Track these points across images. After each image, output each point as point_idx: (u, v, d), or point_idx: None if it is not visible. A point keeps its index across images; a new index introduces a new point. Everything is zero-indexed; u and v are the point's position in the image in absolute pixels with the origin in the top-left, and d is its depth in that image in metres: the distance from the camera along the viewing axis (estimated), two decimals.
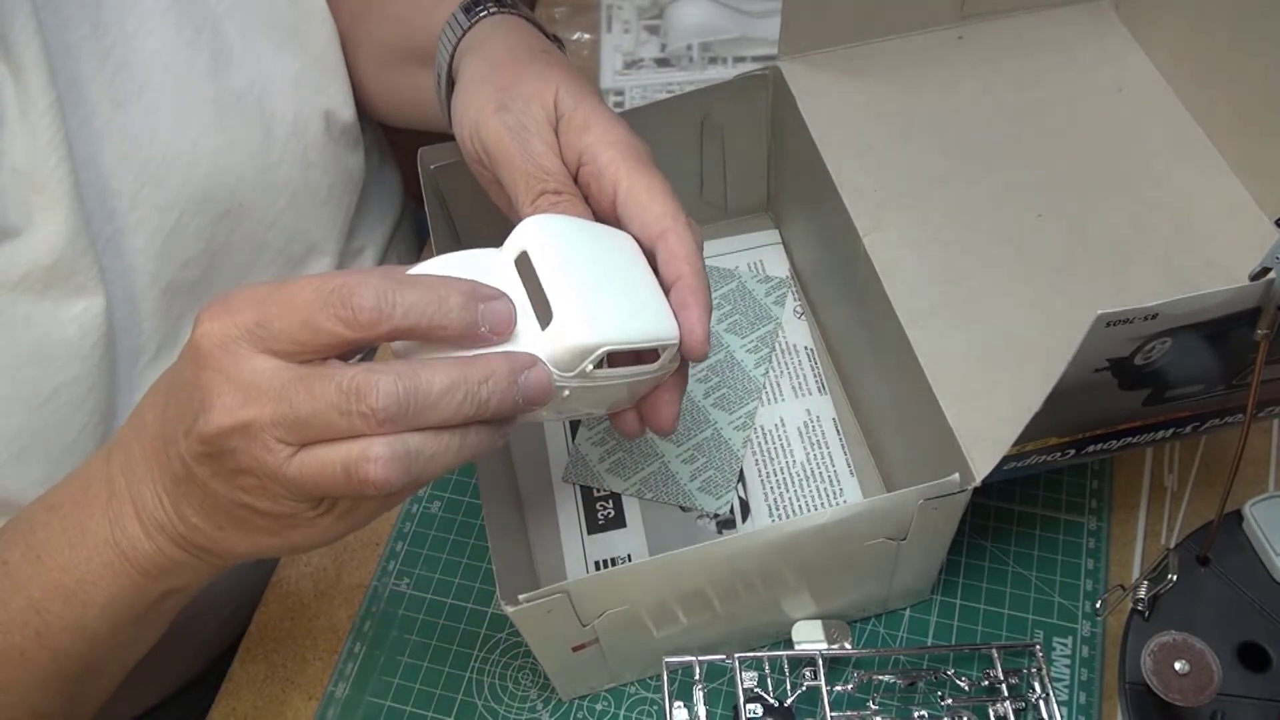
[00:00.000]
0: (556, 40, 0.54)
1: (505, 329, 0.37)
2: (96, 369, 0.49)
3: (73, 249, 0.47)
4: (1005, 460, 0.43)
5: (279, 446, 0.34)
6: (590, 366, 0.38)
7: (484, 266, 0.39)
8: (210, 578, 0.42)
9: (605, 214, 0.44)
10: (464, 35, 0.52)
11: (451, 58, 0.52)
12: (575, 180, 0.45)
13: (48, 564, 0.41)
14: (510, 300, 0.37)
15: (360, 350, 0.36)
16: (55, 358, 0.48)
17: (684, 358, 0.43)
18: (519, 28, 0.52)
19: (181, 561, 0.40)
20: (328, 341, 0.34)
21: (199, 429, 0.35)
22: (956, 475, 0.44)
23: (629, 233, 0.43)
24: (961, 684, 0.50)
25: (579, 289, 0.39)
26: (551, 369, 0.38)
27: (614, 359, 0.39)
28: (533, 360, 0.37)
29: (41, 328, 0.47)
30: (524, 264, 0.39)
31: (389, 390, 0.33)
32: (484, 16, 0.52)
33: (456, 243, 0.60)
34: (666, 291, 0.42)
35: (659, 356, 0.42)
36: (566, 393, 0.39)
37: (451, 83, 0.52)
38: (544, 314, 0.38)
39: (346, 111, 0.61)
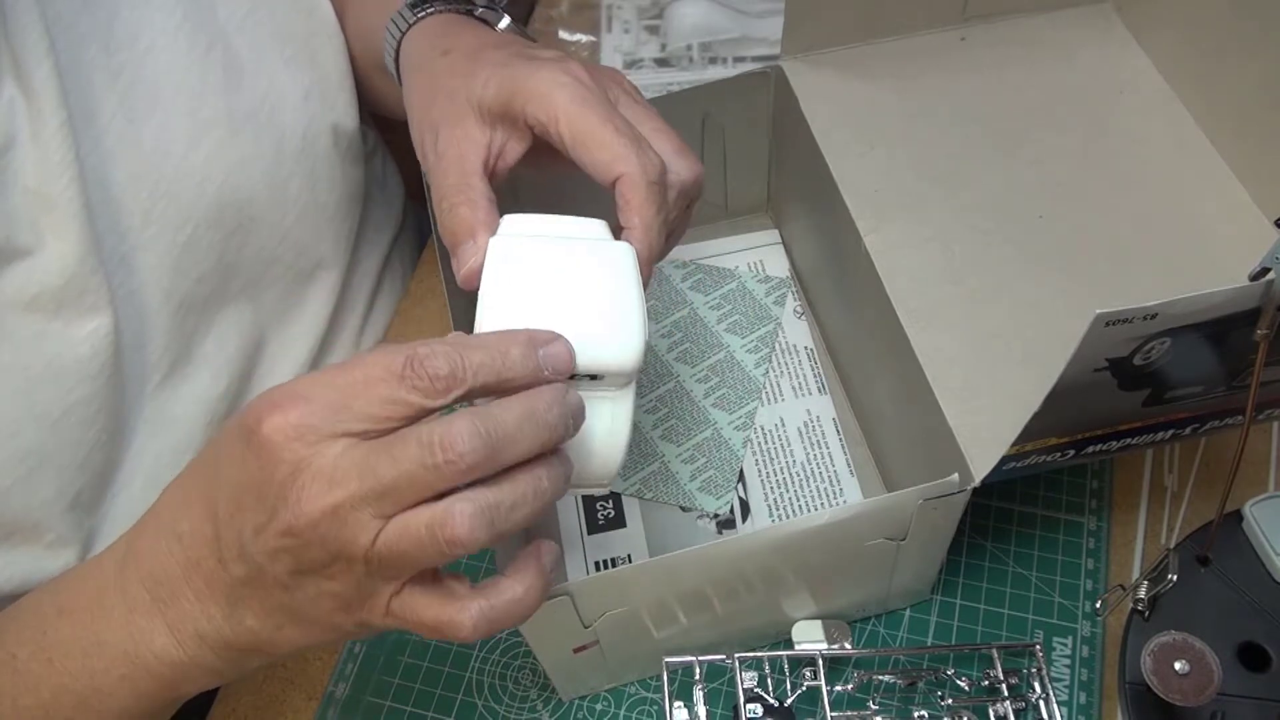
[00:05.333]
0: (491, 9, 0.53)
1: (566, 368, 0.37)
2: (106, 387, 0.49)
3: (84, 269, 0.46)
4: (1005, 460, 0.43)
5: (370, 522, 0.34)
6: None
7: None
8: (230, 680, 0.42)
9: (574, 168, 0.43)
10: (399, 51, 0.52)
11: (398, 72, 0.52)
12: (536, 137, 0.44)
13: (59, 668, 0.40)
14: (565, 339, 0.37)
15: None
16: (67, 377, 0.47)
17: None
18: (423, 39, 0.51)
19: (216, 669, 0.39)
20: (407, 413, 0.34)
21: (282, 523, 0.34)
22: (956, 475, 0.44)
23: (589, 177, 0.42)
24: (961, 684, 0.50)
25: (585, 331, 0.38)
26: (618, 398, 0.39)
27: None
28: (566, 385, 0.37)
29: (53, 348, 0.47)
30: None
31: (470, 433, 0.33)
32: (408, 28, 0.52)
33: None
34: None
35: None
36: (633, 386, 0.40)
37: None
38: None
39: (352, 126, 0.61)
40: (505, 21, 0.54)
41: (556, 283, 0.39)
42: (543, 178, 0.48)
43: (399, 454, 0.33)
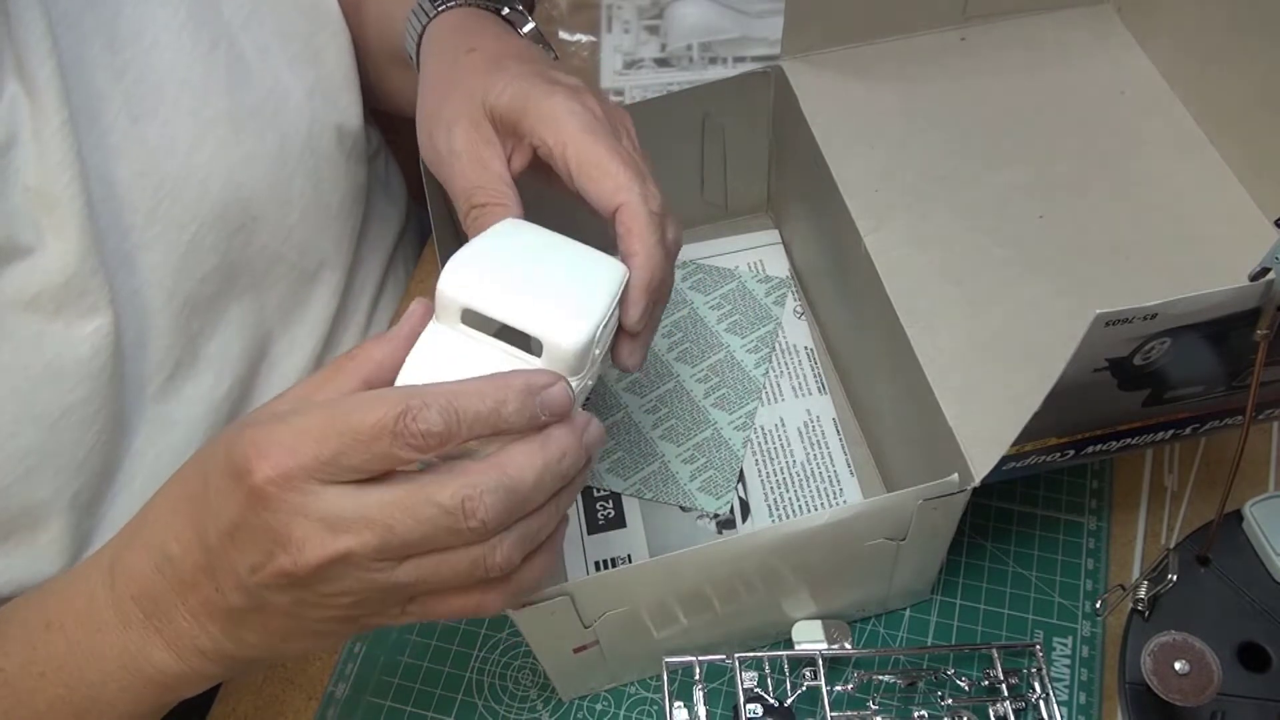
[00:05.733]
0: (517, 10, 0.53)
1: (564, 411, 0.36)
2: (106, 388, 0.49)
3: (85, 269, 0.46)
4: (1005, 460, 0.43)
5: (384, 565, 0.34)
6: (597, 350, 0.39)
7: (455, 346, 0.39)
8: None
9: (569, 192, 0.44)
10: (420, 40, 0.52)
11: (418, 61, 0.52)
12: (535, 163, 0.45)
13: (52, 680, 0.40)
14: (566, 381, 0.37)
15: None
16: (67, 377, 0.47)
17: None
18: (449, 30, 0.51)
19: (215, 675, 0.40)
20: (399, 467, 0.34)
21: (280, 567, 0.34)
22: (956, 475, 0.44)
23: (589, 208, 0.43)
24: (961, 684, 0.50)
25: (540, 301, 0.38)
26: (572, 381, 0.38)
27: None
28: (589, 418, 0.37)
29: (54, 348, 0.47)
30: (473, 318, 0.39)
31: (493, 503, 0.34)
32: (433, 17, 0.52)
33: (456, 235, 0.60)
34: None
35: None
36: (590, 382, 0.40)
37: None
38: (526, 342, 0.39)
39: (356, 126, 0.61)
40: (530, 25, 0.54)
41: (537, 260, 0.40)
42: (549, 198, 0.48)
43: (422, 515, 0.33)
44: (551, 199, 0.46)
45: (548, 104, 0.43)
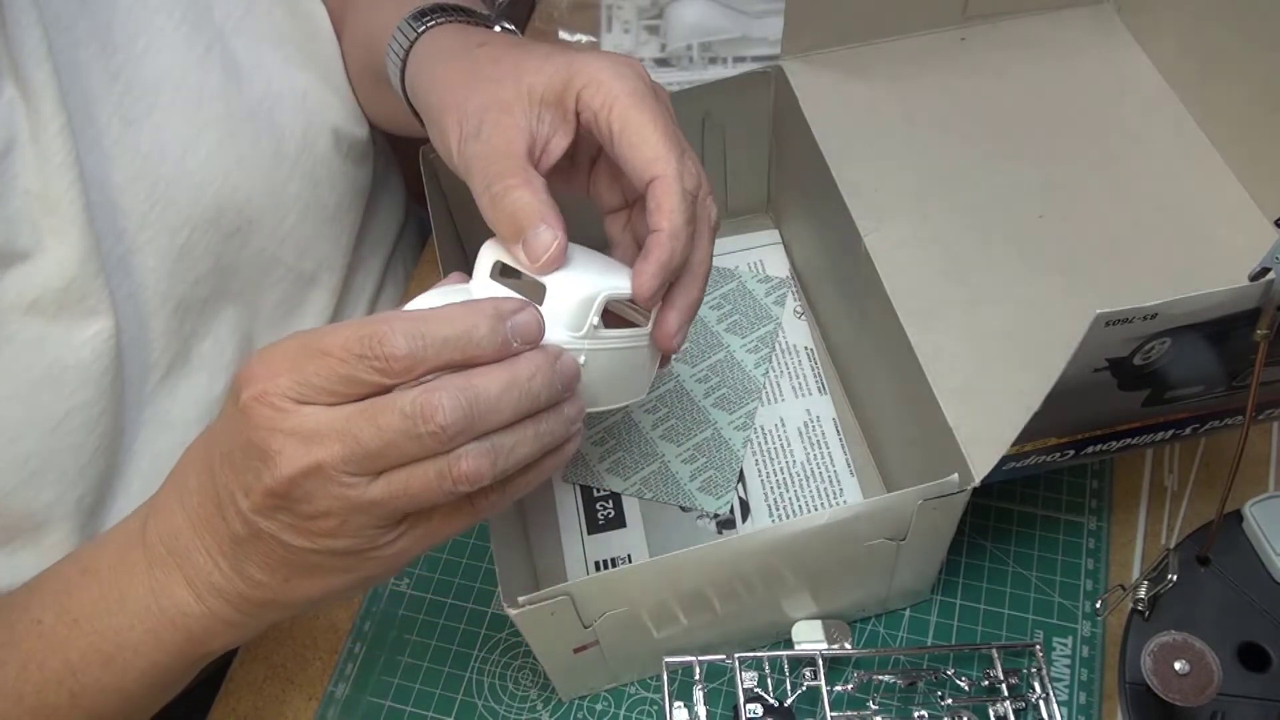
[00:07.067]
0: (501, 19, 0.53)
1: (535, 337, 0.37)
2: (109, 391, 0.49)
3: (85, 271, 0.46)
4: (1005, 460, 0.43)
5: (354, 480, 0.35)
6: (596, 319, 0.40)
7: (465, 291, 0.41)
8: (254, 635, 0.43)
9: (580, 191, 0.44)
10: (406, 57, 0.51)
11: (403, 82, 0.51)
12: (579, 130, 0.44)
13: (85, 629, 0.41)
14: (536, 307, 0.38)
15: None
16: (68, 381, 0.47)
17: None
18: (448, 36, 0.50)
19: (235, 622, 0.40)
20: (368, 391, 0.35)
21: (264, 484, 0.35)
22: (956, 475, 0.44)
23: (625, 176, 0.43)
24: (961, 684, 0.50)
25: (561, 268, 0.40)
26: (562, 334, 0.39)
27: (611, 320, 0.41)
28: (560, 349, 0.38)
29: (54, 351, 0.47)
30: (499, 274, 0.41)
31: (452, 406, 0.34)
32: (421, 32, 0.51)
33: (456, 234, 0.60)
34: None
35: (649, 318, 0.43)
36: (583, 358, 0.40)
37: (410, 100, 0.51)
38: (537, 298, 0.39)
39: (353, 127, 0.61)
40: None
41: (575, 253, 0.42)
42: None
43: (382, 422, 0.34)
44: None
45: (594, 67, 0.42)
